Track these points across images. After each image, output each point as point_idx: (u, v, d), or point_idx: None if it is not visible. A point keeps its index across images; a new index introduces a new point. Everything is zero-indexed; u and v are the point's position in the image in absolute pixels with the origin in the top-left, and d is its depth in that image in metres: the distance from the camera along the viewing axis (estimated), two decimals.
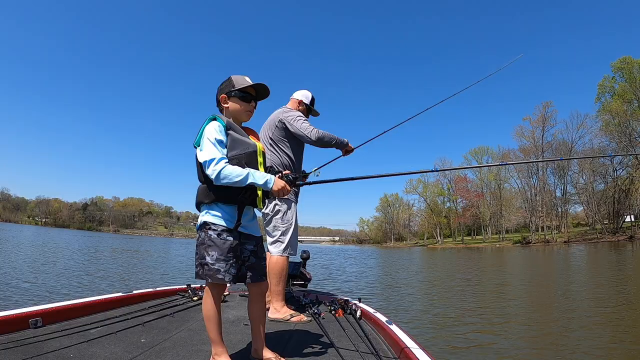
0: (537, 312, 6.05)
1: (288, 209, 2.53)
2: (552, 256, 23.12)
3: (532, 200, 52.18)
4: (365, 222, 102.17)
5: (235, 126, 1.51)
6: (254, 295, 1.56)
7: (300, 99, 2.74)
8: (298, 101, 2.74)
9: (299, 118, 2.55)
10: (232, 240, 1.44)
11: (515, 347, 4.07)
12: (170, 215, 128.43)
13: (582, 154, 44.32)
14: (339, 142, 2.62)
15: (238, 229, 1.48)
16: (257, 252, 1.57)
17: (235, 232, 1.47)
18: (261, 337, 1.55)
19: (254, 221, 1.60)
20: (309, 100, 2.75)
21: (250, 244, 1.55)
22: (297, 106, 2.72)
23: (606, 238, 38.11)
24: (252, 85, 1.53)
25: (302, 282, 3.34)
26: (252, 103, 1.56)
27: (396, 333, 1.76)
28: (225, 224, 1.45)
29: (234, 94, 1.52)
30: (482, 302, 6.98)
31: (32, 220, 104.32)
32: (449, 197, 70.52)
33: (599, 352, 3.83)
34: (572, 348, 3.99)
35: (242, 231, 1.52)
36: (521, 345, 4.15)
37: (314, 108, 2.79)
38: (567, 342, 4.21)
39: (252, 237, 1.56)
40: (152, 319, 2.08)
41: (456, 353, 3.86)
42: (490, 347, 4.06)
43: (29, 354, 1.40)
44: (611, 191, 41.82)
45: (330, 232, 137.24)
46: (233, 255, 1.43)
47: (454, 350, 3.96)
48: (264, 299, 1.60)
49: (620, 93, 40.64)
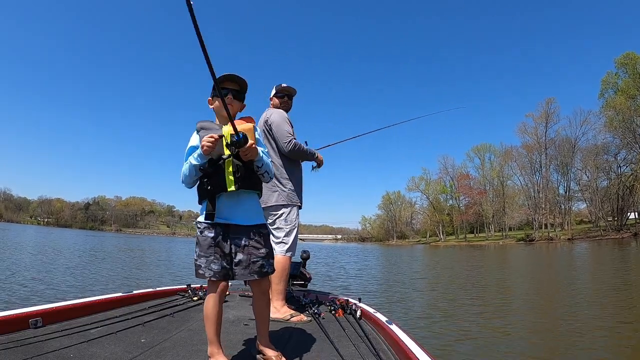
0: (540, 313, 6.00)
1: (291, 210, 2.58)
2: (556, 254, 23.02)
3: (535, 198, 51.93)
4: (368, 220, 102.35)
5: (207, 124, 1.55)
6: (254, 293, 1.56)
7: (270, 97, 2.80)
8: (270, 99, 2.80)
9: (283, 124, 2.59)
10: (213, 237, 1.45)
11: (517, 347, 4.05)
12: (172, 214, 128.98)
13: (581, 151, 44.56)
14: (311, 155, 2.72)
15: (215, 219, 1.46)
16: (248, 248, 1.46)
17: (218, 227, 1.46)
18: (262, 334, 1.55)
19: (239, 207, 1.48)
20: (275, 90, 2.78)
21: (241, 238, 1.47)
22: (271, 105, 2.79)
23: (610, 235, 37.85)
24: (218, 78, 1.42)
25: (302, 282, 3.34)
26: (229, 96, 1.53)
27: (396, 333, 1.75)
28: (204, 220, 1.47)
29: (212, 94, 1.56)
30: (484, 302, 6.95)
31: (34, 220, 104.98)
32: (451, 195, 70.27)
33: (602, 354, 3.80)
34: (576, 349, 3.96)
35: (226, 222, 1.46)
36: (523, 345, 4.13)
37: (284, 86, 2.77)
38: (571, 343, 4.17)
39: (240, 228, 1.47)
40: (152, 319, 2.09)
41: (457, 353, 3.85)
42: (492, 347, 4.04)
43: (29, 354, 1.40)
44: (615, 188, 41.52)
45: (332, 230, 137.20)
46: (214, 252, 1.43)
47: (454, 350, 3.94)
48: (265, 297, 1.55)
49: (624, 89, 40.25)
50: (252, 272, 1.46)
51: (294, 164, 2.69)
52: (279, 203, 2.55)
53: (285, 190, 2.58)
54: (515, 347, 4.01)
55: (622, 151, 41.74)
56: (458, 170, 68.03)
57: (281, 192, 2.57)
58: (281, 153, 2.62)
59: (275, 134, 2.59)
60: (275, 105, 2.76)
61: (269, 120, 2.62)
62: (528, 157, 52.76)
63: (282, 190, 2.57)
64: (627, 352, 3.82)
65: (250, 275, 1.46)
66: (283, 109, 2.75)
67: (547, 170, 50.66)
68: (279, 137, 2.57)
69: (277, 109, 2.70)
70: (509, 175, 58.73)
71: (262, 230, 1.52)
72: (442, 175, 70.04)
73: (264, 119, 2.65)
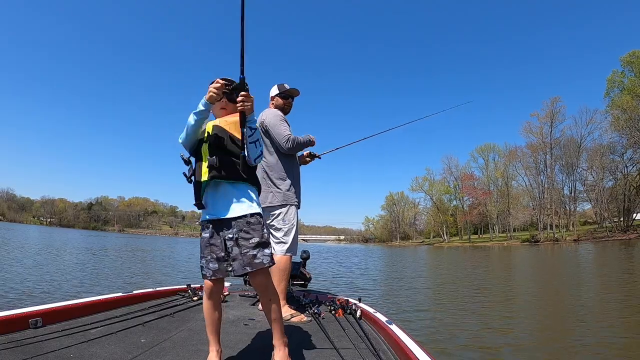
0: (543, 314, 5.92)
1: (288, 210, 2.57)
2: (562, 255, 22.78)
3: (540, 198, 51.49)
4: (371, 221, 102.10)
5: None
6: (255, 289, 1.55)
7: (271, 96, 2.77)
8: (270, 98, 2.77)
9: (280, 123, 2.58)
10: (208, 236, 1.46)
11: (518, 348, 4.01)
12: (175, 214, 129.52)
13: (587, 151, 44.18)
14: (309, 143, 2.70)
15: (206, 216, 1.48)
16: (239, 240, 1.43)
17: (211, 225, 1.46)
18: (274, 331, 1.49)
19: (222, 200, 1.46)
20: (276, 90, 2.74)
21: (230, 232, 1.44)
22: (271, 104, 2.76)
23: (617, 236, 37.42)
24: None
25: (302, 282, 3.34)
26: (224, 99, 1.56)
27: (396, 333, 1.74)
28: (201, 219, 1.51)
29: None
30: (486, 302, 6.89)
31: (37, 220, 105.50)
32: (455, 195, 69.98)
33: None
34: (579, 351, 3.91)
35: (215, 218, 1.46)
36: (524, 346, 4.09)
37: (288, 87, 2.74)
38: (574, 346, 4.12)
39: (227, 221, 1.44)
40: (152, 319, 2.09)
41: (457, 353, 3.82)
42: (493, 347, 4.01)
43: (29, 354, 1.40)
44: (621, 188, 41.06)
45: (335, 231, 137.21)
46: (209, 251, 1.45)
47: (454, 350, 3.91)
48: (266, 294, 1.47)
49: (630, 87, 39.79)
50: (245, 265, 1.41)
51: (290, 163, 2.68)
52: (274, 204, 2.55)
53: (281, 191, 2.58)
54: (516, 348, 3.96)
55: (628, 151, 41.28)
56: (462, 170, 67.79)
57: (276, 193, 2.57)
58: (277, 153, 2.61)
59: (272, 135, 2.58)
60: (277, 106, 2.73)
61: (264, 122, 2.61)
62: (533, 157, 52.34)
63: (278, 191, 2.57)
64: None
65: (244, 268, 1.41)
66: (286, 110, 2.74)
67: (552, 170, 50.25)
68: (277, 137, 2.56)
69: (272, 110, 2.69)
70: (513, 176, 58.36)
71: (250, 219, 1.44)
72: (446, 176, 69.86)
73: (259, 121, 2.64)
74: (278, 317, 1.48)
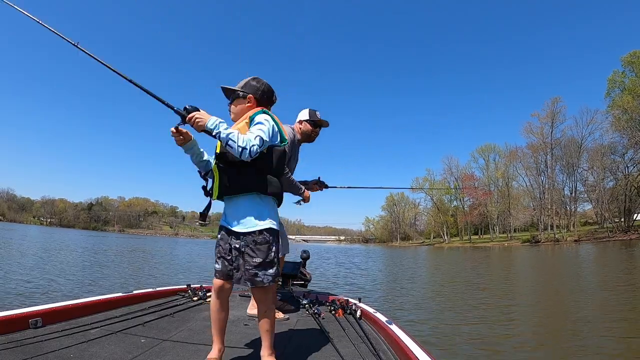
0: (543, 315, 5.91)
1: None
2: (563, 255, 22.75)
3: (540, 199, 51.42)
4: (371, 221, 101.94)
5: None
6: (254, 298, 1.63)
7: (299, 119, 2.70)
8: (298, 121, 2.71)
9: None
10: (220, 238, 1.55)
11: (518, 348, 4.00)
12: (175, 215, 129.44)
13: (588, 151, 44.16)
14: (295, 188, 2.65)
15: (221, 222, 1.55)
16: (244, 255, 1.47)
17: (223, 230, 1.54)
18: (263, 342, 1.53)
19: (235, 213, 1.49)
20: (307, 115, 2.67)
21: (238, 243, 1.48)
22: (298, 127, 2.69)
23: (617, 236, 37.34)
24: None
25: (302, 282, 3.34)
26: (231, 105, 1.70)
27: (396, 333, 1.74)
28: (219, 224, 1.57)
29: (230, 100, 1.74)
30: (486, 303, 6.88)
31: (38, 220, 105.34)
32: (455, 196, 69.82)
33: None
34: (579, 351, 3.90)
35: (226, 225, 1.53)
36: (525, 346, 4.08)
37: (320, 117, 2.68)
38: (575, 346, 4.11)
39: (237, 233, 1.48)
40: (152, 319, 2.09)
41: (457, 353, 3.81)
42: (493, 348, 4.00)
43: (29, 354, 1.40)
44: (622, 188, 40.98)
45: (335, 232, 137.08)
46: (218, 252, 1.53)
47: (455, 350, 3.91)
48: (262, 307, 1.52)
49: (631, 88, 39.73)
50: (246, 279, 1.49)
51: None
52: None
53: None
54: (516, 349, 3.96)
55: (629, 151, 41.24)
56: (462, 171, 67.68)
57: None
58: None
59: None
60: (304, 131, 2.66)
61: None
62: (533, 157, 52.27)
63: None
64: None
65: (244, 281, 1.49)
66: (312, 138, 2.69)
67: (553, 170, 50.19)
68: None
69: (289, 129, 2.57)
70: (514, 176, 58.25)
71: (257, 238, 1.46)
72: (446, 176, 69.75)
73: None
74: (270, 329, 1.51)
